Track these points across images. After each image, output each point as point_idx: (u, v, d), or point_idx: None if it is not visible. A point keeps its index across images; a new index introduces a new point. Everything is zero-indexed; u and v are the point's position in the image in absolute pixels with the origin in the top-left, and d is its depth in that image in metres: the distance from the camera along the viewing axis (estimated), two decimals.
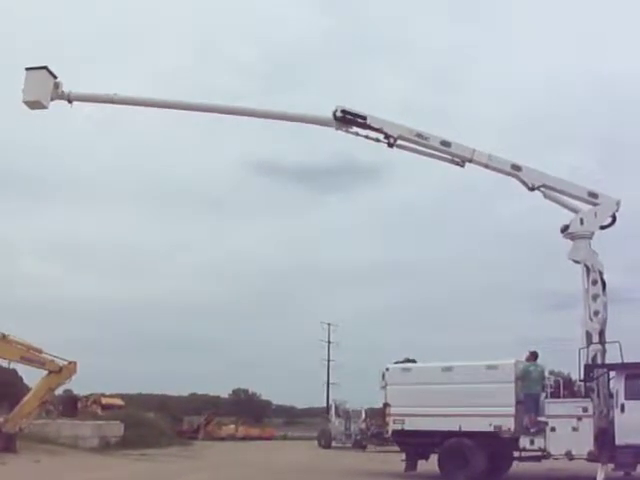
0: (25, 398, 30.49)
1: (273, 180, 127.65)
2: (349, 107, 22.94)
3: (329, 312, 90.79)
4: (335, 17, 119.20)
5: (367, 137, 23.10)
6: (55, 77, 23.16)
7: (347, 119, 22.87)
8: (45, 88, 22.88)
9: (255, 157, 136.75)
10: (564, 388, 21.63)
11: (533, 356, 22.06)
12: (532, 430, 20.87)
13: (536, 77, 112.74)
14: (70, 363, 30.75)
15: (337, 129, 23.16)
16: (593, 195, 21.91)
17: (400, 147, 23.14)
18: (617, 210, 21.86)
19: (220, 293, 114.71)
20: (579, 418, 19.81)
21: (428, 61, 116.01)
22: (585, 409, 19.82)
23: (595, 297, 21.01)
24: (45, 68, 23.02)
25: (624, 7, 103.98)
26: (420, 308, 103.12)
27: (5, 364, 35.95)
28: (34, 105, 22.99)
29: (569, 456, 20.10)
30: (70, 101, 23.48)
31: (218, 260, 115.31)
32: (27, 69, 22.80)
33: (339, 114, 22.78)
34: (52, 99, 23.18)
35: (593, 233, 21.76)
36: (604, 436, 19.39)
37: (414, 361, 25.50)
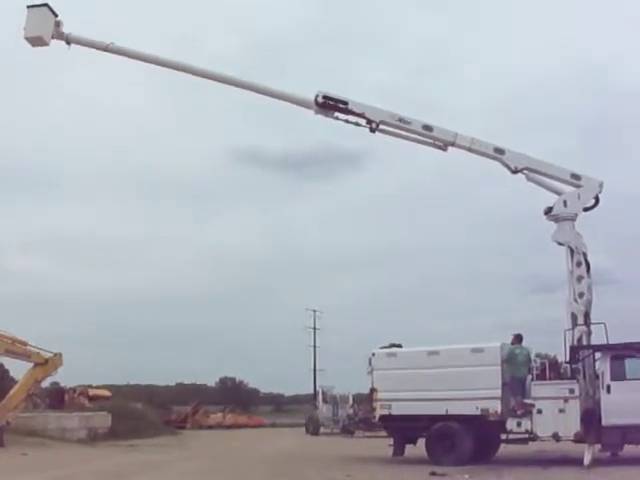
0: (11, 391, 30.45)
1: (256, 169, 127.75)
2: (330, 92, 22.88)
3: (314, 299, 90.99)
4: (317, 5, 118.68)
5: (347, 121, 23.07)
6: (56, 15, 23.40)
7: (329, 104, 22.82)
8: (46, 25, 23.14)
9: (238, 146, 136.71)
10: (550, 370, 21.69)
11: (518, 339, 22.07)
12: (519, 412, 20.88)
13: (518, 61, 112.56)
14: (56, 355, 30.72)
15: (317, 113, 23.12)
16: (576, 177, 21.93)
17: (382, 132, 23.10)
18: (600, 192, 21.89)
19: (205, 282, 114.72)
20: (565, 400, 19.87)
21: (410, 47, 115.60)
22: (571, 391, 19.88)
23: (580, 279, 21.05)
24: (46, 5, 23.22)
25: None
26: (405, 294, 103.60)
27: None
28: (36, 41, 23.27)
29: (556, 438, 20.16)
30: (69, 42, 23.76)
31: (202, 250, 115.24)
32: (29, 7, 23.06)
33: (320, 100, 22.72)
34: (53, 37, 23.41)
35: (577, 215, 21.77)
36: (590, 417, 19.44)
37: (400, 346, 25.42)
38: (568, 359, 20.50)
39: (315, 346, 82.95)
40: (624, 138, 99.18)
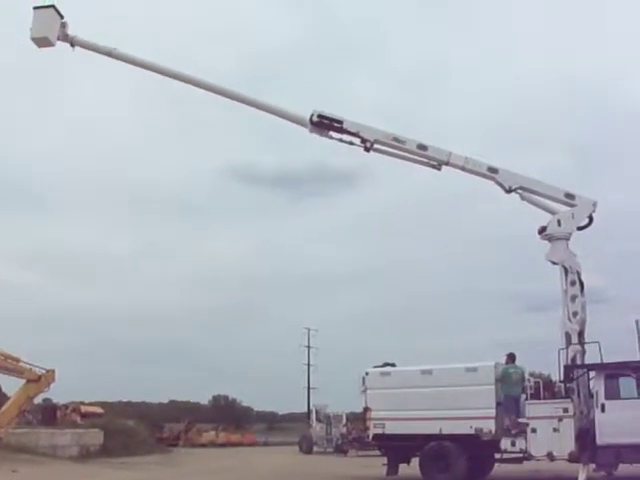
0: (4, 407, 30.35)
1: (250, 186, 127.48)
2: (325, 111, 22.95)
3: (309, 317, 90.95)
4: (312, 23, 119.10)
5: (341, 140, 23.14)
6: (62, 17, 23.60)
7: (324, 124, 22.90)
8: (52, 26, 23.38)
9: (232, 163, 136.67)
10: (544, 389, 21.65)
11: (511, 358, 22.08)
12: (513, 432, 20.85)
13: (511, 80, 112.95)
14: (48, 371, 30.65)
15: (311, 132, 23.19)
16: (570, 196, 21.98)
17: (377, 151, 23.17)
18: (594, 211, 21.92)
19: (199, 299, 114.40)
20: (560, 419, 19.80)
21: (404, 66, 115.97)
22: (565, 410, 19.82)
23: (574, 298, 21.05)
24: (52, 7, 23.43)
25: (594, 12, 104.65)
26: (399, 312, 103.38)
27: None
28: (42, 42, 23.44)
29: (550, 457, 20.07)
30: (73, 45, 23.95)
31: (197, 266, 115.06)
32: (35, 8, 23.24)
33: (315, 119, 22.81)
34: (58, 38, 23.58)
35: (570, 234, 21.80)
36: (585, 436, 19.40)
37: (393, 365, 25.35)
38: (562, 378, 20.47)
39: (309, 364, 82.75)
40: (618, 156, 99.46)
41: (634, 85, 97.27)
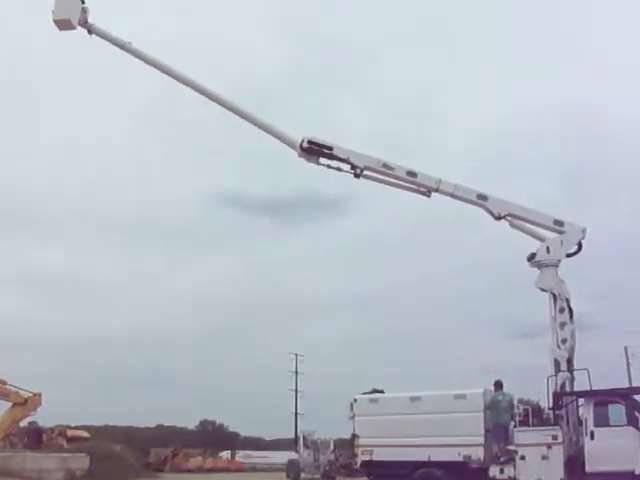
0: None
1: (239, 212, 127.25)
2: (315, 137, 23.01)
3: (296, 343, 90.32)
4: (302, 50, 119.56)
5: (329, 167, 23.22)
6: (83, 1, 23.92)
7: (313, 150, 22.95)
8: (74, 9, 23.68)
9: (221, 189, 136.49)
10: (533, 416, 21.67)
11: (498, 385, 22.05)
12: (502, 459, 20.82)
13: (501, 107, 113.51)
14: (35, 395, 30.47)
15: (300, 157, 23.24)
16: (559, 223, 22.08)
17: (366, 177, 23.24)
18: (583, 238, 22.03)
19: (187, 324, 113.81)
20: (549, 446, 19.77)
21: (394, 93, 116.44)
22: (555, 437, 19.80)
23: (562, 325, 21.09)
24: None
25: (584, 37, 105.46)
26: (388, 338, 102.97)
27: None
28: (63, 25, 23.71)
29: None
30: (90, 32, 24.13)
31: (184, 291, 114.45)
32: None
33: (305, 145, 22.86)
34: (79, 23, 23.80)
35: (559, 261, 21.89)
36: (574, 464, 19.38)
37: (382, 391, 25.34)
38: (551, 405, 20.48)
39: (297, 390, 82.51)
40: (607, 183, 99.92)
41: (625, 112, 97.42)
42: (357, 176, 23.00)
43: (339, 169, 23.14)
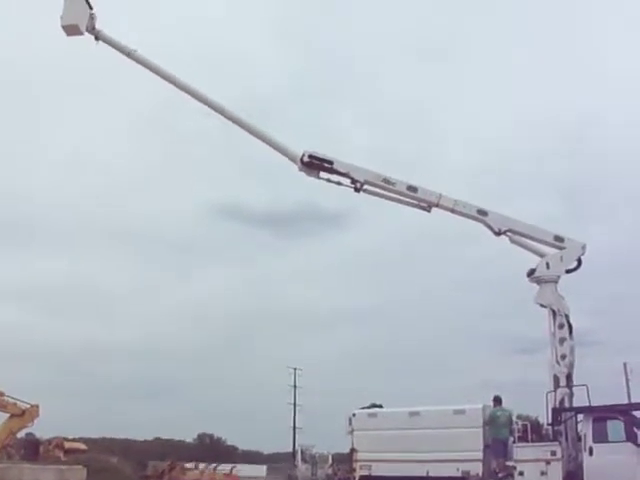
0: None
1: (240, 225, 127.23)
2: (316, 151, 23.04)
3: (296, 356, 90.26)
4: (302, 64, 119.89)
5: (329, 180, 23.22)
6: (91, 8, 24.00)
7: (314, 164, 22.96)
8: (82, 15, 23.77)
9: (222, 202, 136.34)
10: (532, 432, 21.59)
11: (497, 401, 22.02)
12: (500, 475, 20.79)
13: (504, 123, 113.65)
14: (33, 406, 30.31)
15: (300, 170, 23.28)
16: (559, 239, 22.08)
17: (367, 192, 23.25)
18: (583, 254, 22.03)
19: (186, 337, 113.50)
20: (548, 462, 19.73)
21: (395, 107, 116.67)
22: (553, 453, 19.77)
23: (562, 341, 21.07)
24: None
25: (588, 54, 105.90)
26: (387, 353, 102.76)
27: None
28: (71, 30, 23.76)
29: None
30: (97, 39, 24.19)
31: (184, 303, 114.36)
32: None
33: (306, 159, 22.87)
34: (87, 29, 23.86)
35: (559, 277, 21.87)
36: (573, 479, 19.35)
37: (381, 406, 25.33)
38: (550, 421, 20.43)
39: (295, 404, 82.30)
40: (607, 198, 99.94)
41: (625, 123, 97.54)
42: (357, 190, 23.02)
43: (339, 183, 23.17)
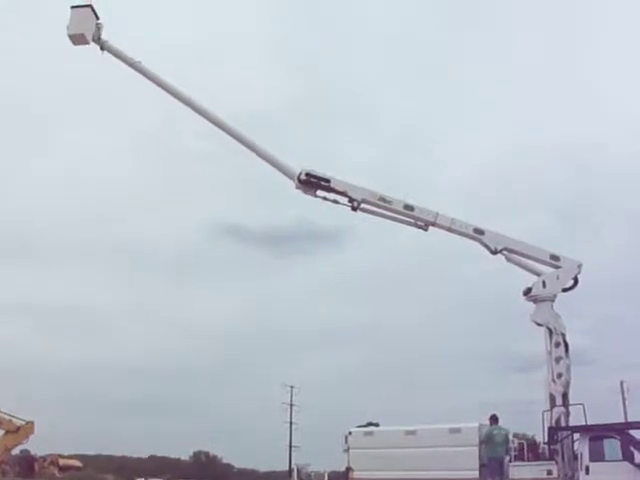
0: None
1: (237, 243, 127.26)
2: (313, 169, 23.07)
3: (292, 375, 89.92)
4: (302, 84, 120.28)
5: (325, 199, 23.23)
6: (98, 18, 24.07)
7: (311, 182, 22.96)
8: (89, 25, 23.87)
9: (219, 221, 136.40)
10: (528, 451, 21.58)
11: (494, 419, 21.98)
12: None
13: (502, 141, 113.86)
14: (28, 423, 30.32)
15: (297, 188, 23.29)
16: (555, 258, 22.13)
17: (364, 211, 23.28)
18: (579, 273, 22.09)
19: (183, 355, 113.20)
20: None
21: (391, 125, 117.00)
22: (550, 472, 19.76)
23: (558, 359, 21.07)
24: (90, 6, 23.95)
25: (587, 74, 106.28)
26: (383, 371, 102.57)
27: None
28: (77, 39, 23.90)
29: None
30: (103, 49, 24.23)
31: (182, 322, 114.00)
32: (72, 7, 23.79)
33: (303, 177, 22.86)
34: (93, 38, 23.93)
35: (555, 295, 21.91)
36: None
37: (377, 425, 25.33)
38: (546, 440, 20.39)
39: (291, 422, 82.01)
40: (604, 218, 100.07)
41: (620, 150, 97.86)
42: (354, 209, 23.04)
43: (336, 201, 23.19)
